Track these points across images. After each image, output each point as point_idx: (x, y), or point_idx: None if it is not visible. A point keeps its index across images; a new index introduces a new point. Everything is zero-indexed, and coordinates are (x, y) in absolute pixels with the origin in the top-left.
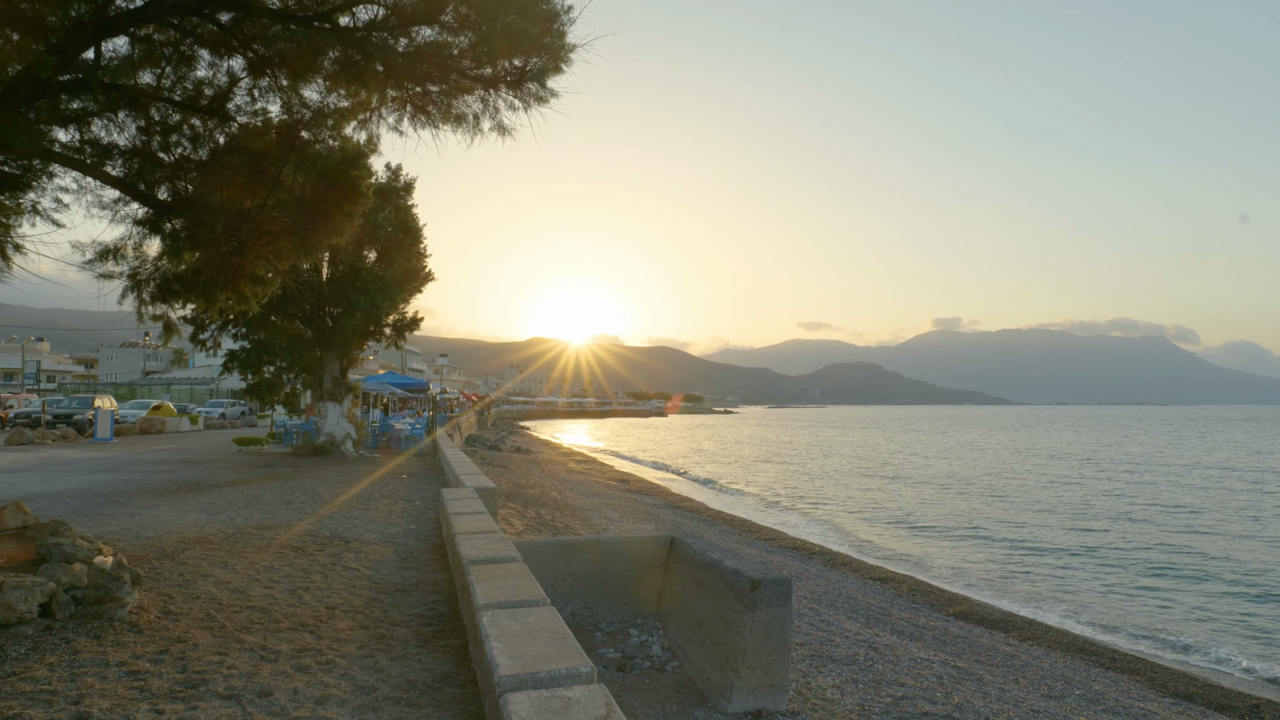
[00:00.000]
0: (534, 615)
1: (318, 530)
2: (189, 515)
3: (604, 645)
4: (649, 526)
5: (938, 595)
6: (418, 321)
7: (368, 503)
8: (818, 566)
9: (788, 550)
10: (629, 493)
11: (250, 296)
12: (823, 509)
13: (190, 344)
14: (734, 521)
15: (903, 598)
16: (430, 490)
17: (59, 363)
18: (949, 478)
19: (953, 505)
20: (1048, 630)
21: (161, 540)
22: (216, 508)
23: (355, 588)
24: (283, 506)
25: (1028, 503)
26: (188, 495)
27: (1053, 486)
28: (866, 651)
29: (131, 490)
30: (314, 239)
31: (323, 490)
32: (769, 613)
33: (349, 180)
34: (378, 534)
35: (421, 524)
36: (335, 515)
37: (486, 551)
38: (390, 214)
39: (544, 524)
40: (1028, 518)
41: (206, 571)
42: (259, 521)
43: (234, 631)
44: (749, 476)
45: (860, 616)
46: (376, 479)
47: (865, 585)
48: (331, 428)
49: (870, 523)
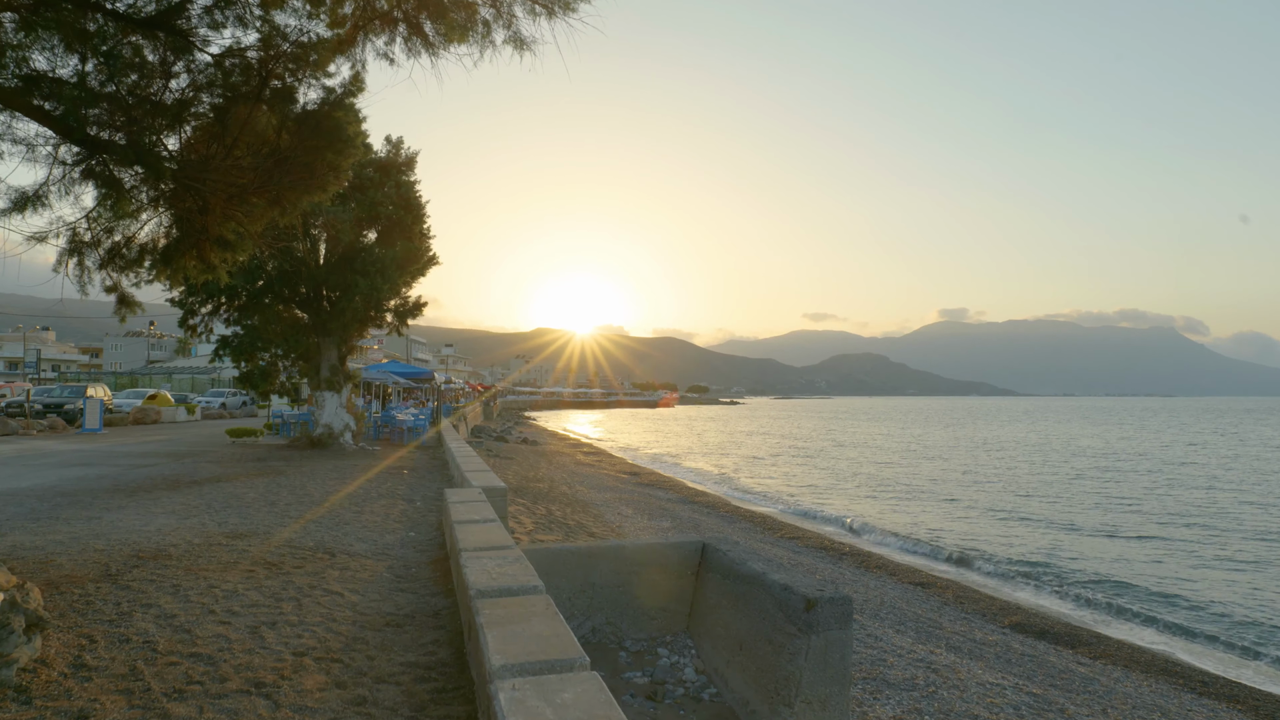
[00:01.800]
0: (571, 690)
1: (300, 539)
2: (156, 519)
3: (630, 668)
4: (666, 524)
5: (987, 603)
6: (420, 307)
7: (362, 504)
8: (851, 569)
9: (815, 550)
10: (641, 486)
11: (218, 264)
12: (844, 504)
13: (182, 330)
14: (754, 518)
15: (950, 606)
16: (433, 488)
17: (64, 351)
18: (974, 472)
19: (984, 500)
20: (1120, 646)
21: (111, 554)
22: (190, 510)
23: (335, 621)
24: (265, 509)
25: (1066, 498)
26: (162, 494)
27: (1085, 480)
28: (926, 674)
29: (101, 488)
30: (292, 195)
31: (314, 488)
32: (827, 638)
33: (333, 125)
34: (370, 544)
35: (422, 530)
36: (324, 519)
37: (500, 578)
38: (391, 190)
39: (555, 521)
40: (1072, 515)
41: (151, 600)
42: (234, 528)
43: (160, 698)
44: (763, 470)
45: (909, 629)
46: (374, 475)
47: (906, 591)
48: (329, 419)
49: (896, 519)
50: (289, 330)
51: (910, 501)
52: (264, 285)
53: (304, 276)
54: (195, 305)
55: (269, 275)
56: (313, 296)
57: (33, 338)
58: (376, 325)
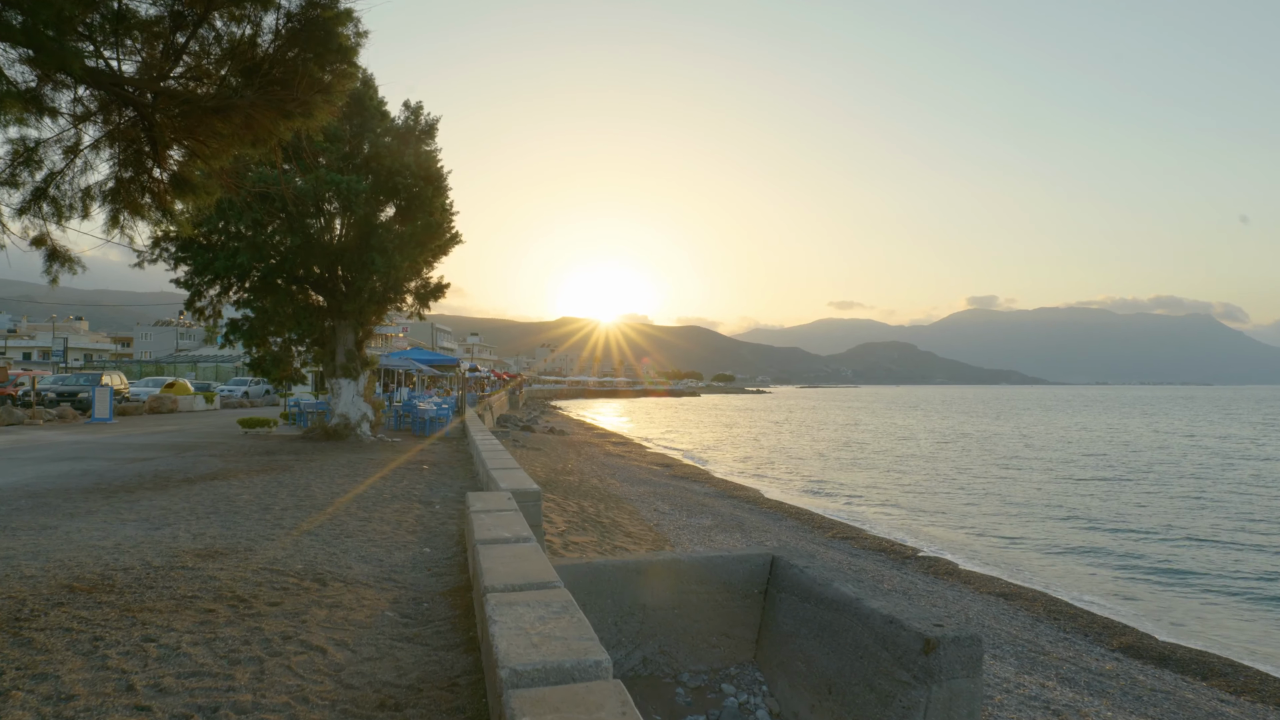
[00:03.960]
0: None
1: (288, 559)
2: (122, 530)
3: (691, 711)
4: (707, 521)
5: (1086, 619)
6: (443, 288)
7: (372, 508)
8: (920, 576)
9: (875, 553)
10: (674, 479)
11: (177, 212)
12: (890, 498)
13: (191, 315)
14: (799, 515)
15: (1043, 623)
16: (456, 486)
17: (96, 341)
18: (1022, 460)
19: (1044, 496)
20: (1264, 680)
21: (39, 583)
22: (168, 516)
23: (306, 704)
24: (256, 515)
25: (1141, 494)
26: (145, 495)
27: (1156, 474)
28: (1047, 719)
29: (79, 487)
30: (265, 118)
31: (319, 488)
32: (952, 688)
33: (320, 30)
34: (374, 565)
35: (440, 544)
36: (323, 529)
37: (544, 645)
38: (410, 160)
39: (588, 519)
40: (1157, 514)
41: (52, 665)
42: (210, 542)
43: None
44: (798, 461)
45: (1008, 654)
46: (391, 471)
47: (990, 604)
48: (345, 408)
49: (953, 518)
50: (302, 313)
51: (959, 498)
52: (276, 264)
53: (317, 254)
54: (201, 286)
55: (281, 253)
56: (327, 277)
57: (65, 327)
58: (396, 308)
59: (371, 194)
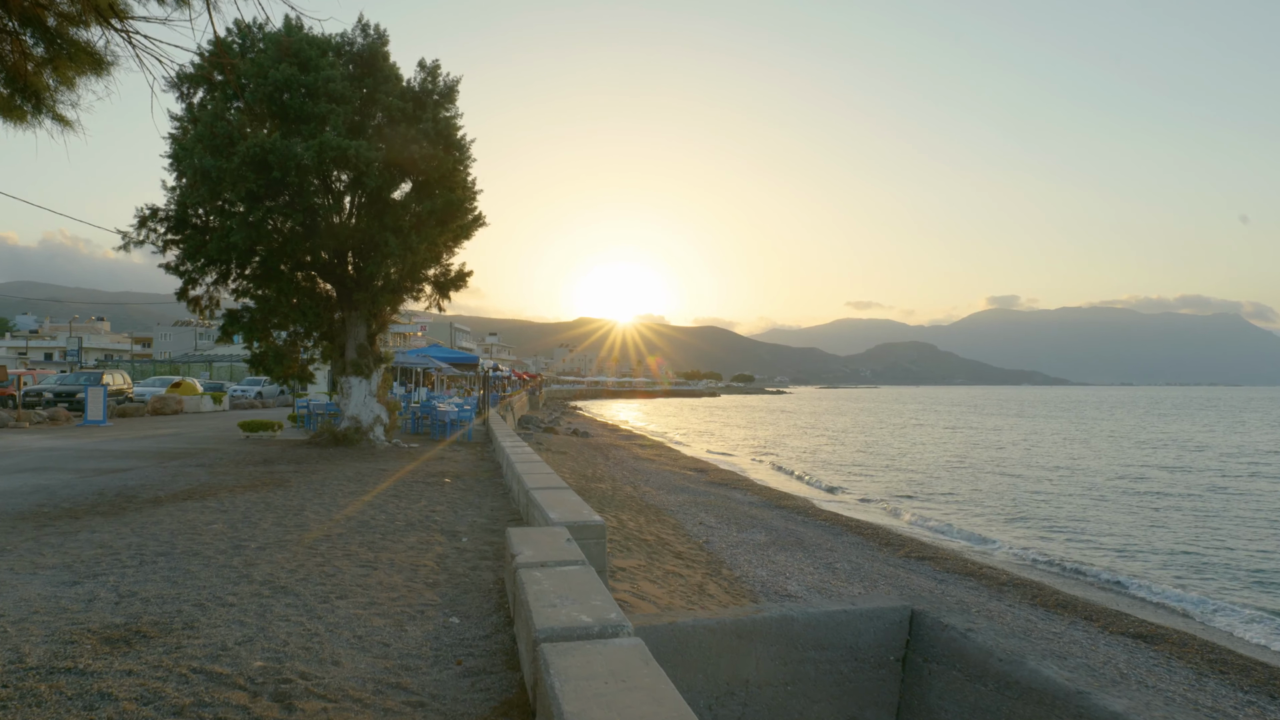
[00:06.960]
0: None
1: (243, 646)
2: (19, 586)
3: None
4: (761, 536)
5: (1261, 671)
6: (465, 276)
7: (379, 545)
8: (1028, 609)
9: (961, 577)
10: (712, 485)
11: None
12: (957, 508)
13: (184, 305)
14: (862, 529)
15: (1209, 677)
16: (486, 507)
17: (117, 341)
18: (1078, 468)
19: (1145, 508)
20: None
21: None
22: (98, 561)
23: None
24: (221, 558)
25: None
26: (87, 524)
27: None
28: None
29: (12, 510)
30: None
31: (314, 512)
32: None
33: None
34: (374, 656)
35: (471, 606)
36: (308, 582)
37: None
38: (428, 125)
39: (631, 538)
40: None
41: None
42: (135, 612)
43: None
44: (839, 466)
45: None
46: (406, 485)
47: (1127, 650)
48: (356, 410)
49: (1038, 534)
50: (308, 303)
51: (1034, 509)
52: (278, 247)
53: (325, 235)
54: (194, 273)
55: (283, 234)
56: (335, 262)
57: (86, 328)
58: (413, 297)
59: (385, 166)
